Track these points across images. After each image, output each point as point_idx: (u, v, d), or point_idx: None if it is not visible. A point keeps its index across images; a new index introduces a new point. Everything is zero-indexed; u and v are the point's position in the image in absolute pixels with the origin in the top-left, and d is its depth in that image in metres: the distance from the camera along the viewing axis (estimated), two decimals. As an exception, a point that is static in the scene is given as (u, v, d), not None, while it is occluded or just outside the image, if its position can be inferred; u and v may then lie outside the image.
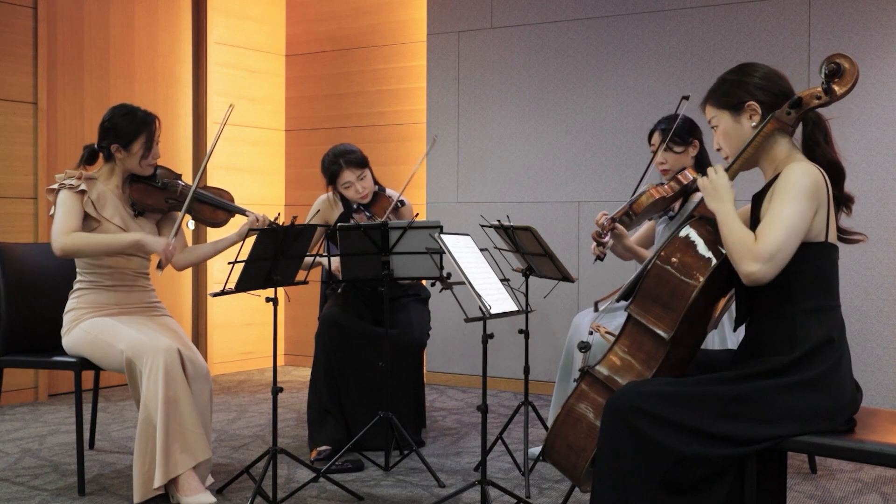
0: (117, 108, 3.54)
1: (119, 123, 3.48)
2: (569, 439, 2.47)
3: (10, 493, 3.45)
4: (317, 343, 4.07)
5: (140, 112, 3.52)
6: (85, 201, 3.41)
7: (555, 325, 5.45)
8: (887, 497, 3.47)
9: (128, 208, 3.55)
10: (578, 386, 2.50)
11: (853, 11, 4.74)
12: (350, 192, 4.16)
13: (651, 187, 3.54)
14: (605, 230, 3.52)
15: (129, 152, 3.48)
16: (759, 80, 2.41)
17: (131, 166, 3.52)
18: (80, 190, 3.40)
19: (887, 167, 4.65)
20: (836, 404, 2.29)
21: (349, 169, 4.11)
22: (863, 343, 4.65)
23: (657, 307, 2.37)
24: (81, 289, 3.51)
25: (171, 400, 3.17)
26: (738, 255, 2.27)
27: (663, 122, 3.72)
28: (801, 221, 2.25)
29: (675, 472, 2.21)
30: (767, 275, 2.24)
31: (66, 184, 3.41)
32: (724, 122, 2.46)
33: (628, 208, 3.53)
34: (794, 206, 2.25)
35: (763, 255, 2.23)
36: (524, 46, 5.64)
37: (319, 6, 6.56)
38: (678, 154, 3.68)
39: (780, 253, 2.23)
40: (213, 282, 6.10)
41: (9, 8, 5.14)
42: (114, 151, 3.49)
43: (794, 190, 2.26)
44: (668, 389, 2.27)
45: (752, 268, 2.24)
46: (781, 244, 2.23)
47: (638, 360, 2.43)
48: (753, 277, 2.24)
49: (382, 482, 3.62)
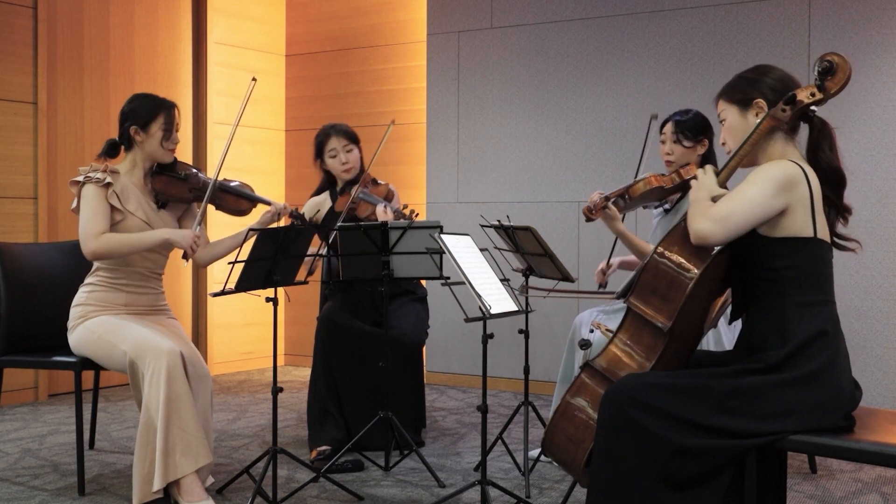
0: (135, 94, 3.56)
1: (137, 105, 3.48)
2: (568, 431, 2.48)
3: (10, 493, 3.45)
4: (316, 343, 4.07)
5: (158, 96, 3.53)
6: (109, 194, 3.39)
7: (555, 325, 5.45)
8: (887, 497, 3.47)
9: (151, 201, 3.54)
10: (578, 378, 2.52)
11: (853, 11, 4.74)
12: (335, 162, 4.21)
13: (651, 175, 3.55)
14: (597, 207, 3.55)
15: (148, 134, 3.46)
16: (772, 81, 2.46)
17: (151, 150, 3.49)
18: (106, 183, 3.39)
19: (887, 167, 4.65)
20: (834, 400, 2.30)
21: (336, 136, 4.20)
22: (863, 343, 4.65)
23: (655, 298, 2.41)
24: (93, 283, 3.48)
25: (173, 402, 3.16)
26: (692, 215, 2.38)
27: (678, 115, 3.72)
28: (760, 200, 2.31)
29: (673, 464, 2.22)
30: (715, 234, 2.32)
31: (91, 177, 3.38)
32: (731, 117, 2.51)
33: (625, 191, 3.56)
34: (756, 186, 2.33)
35: (713, 216, 2.33)
36: (524, 46, 5.64)
37: (319, 6, 6.56)
38: (686, 148, 3.66)
39: (731, 219, 2.31)
40: (213, 282, 6.10)
41: (9, 8, 5.14)
42: (133, 134, 3.47)
43: (763, 175, 2.34)
44: (666, 381, 2.29)
45: (701, 224, 2.34)
46: (733, 211, 2.31)
47: (637, 352, 2.46)
48: (701, 234, 2.34)
49: (382, 482, 3.62)
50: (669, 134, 3.69)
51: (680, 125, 3.65)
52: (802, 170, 2.34)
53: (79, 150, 5.50)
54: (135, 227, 3.45)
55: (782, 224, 2.34)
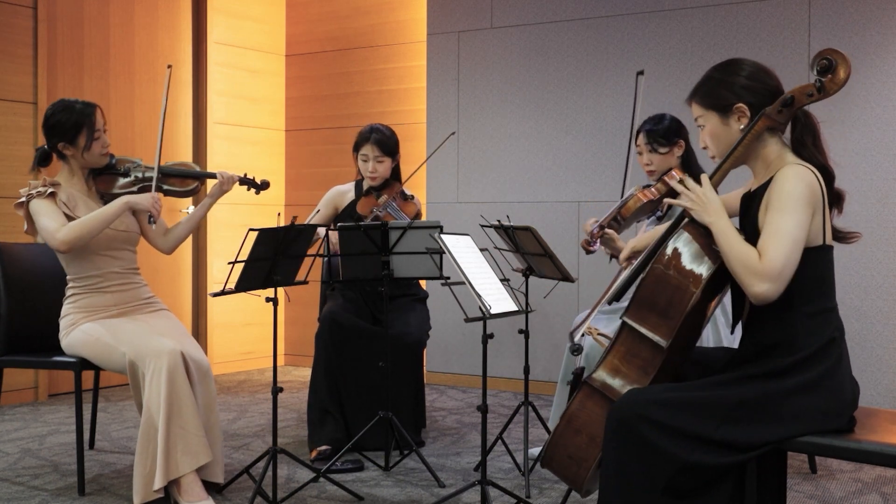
0: (55, 104, 3.50)
1: (59, 120, 3.44)
2: (569, 450, 2.45)
3: (10, 493, 3.45)
4: (317, 343, 4.07)
5: (78, 104, 3.48)
6: (57, 203, 3.40)
7: (555, 325, 5.45)
8: (887, 497, 3.46)
9: (99, 204, 3.53)
10: (577, 395, 2.48)
11: (853, 11, 4.74)
12: (364, 166, 4.26)
13: (638, 191, 3.57)
14: (595, 238, 3.56)
15: (77, 146, 3.46)
16: (745, 80, 2.36)
17: (85, 160, 3.50)
18: (50, 193, 3.38)
19: (887, 167, 4.65)
20: (839, 404, 2.29)
21: (372, 145, 4.21)
22: (863, 343, 4.65)
23: (654, 315, 2.34)
24: (76, 294, 3.48)
25: (174, 402, 3.16)
26: (744, 275, 2.23)
27: (648, 123, 3.74)
28: (801, 232, 2.22)
29: (679, 478, 2.21)
30: (777, 292, 2.21)
31: (33, 193, 3.38)
32: (711, 123, 2.42)
33: (616, 213, 3.58)
34: (793, 217, 2.21)
35: (771, 274, 2.19)
36: (524, 46, 5.64)
37: (319, 6, 6.56)
38: (663, 155, 3.69)
39: (787, 268, 2.20)
40: (213, 282, 6.10)
41: (9, 8, 5.14)
42: (62, 150, 3.48)
43: (792, 199, 2.22)
44: (672, 396, 2.26)
45: (761, 288, 2.20)
46: (787, 259, 2.20)
47: (634, 367, 2.40)
48: (763, 297, 2.21)
49: (382, 482, 3.62)
50: (644, 144, 3.72)
51: (651, 135, 3.69)
52: (813, 173, 2.28)
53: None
54: None
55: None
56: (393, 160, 4.29)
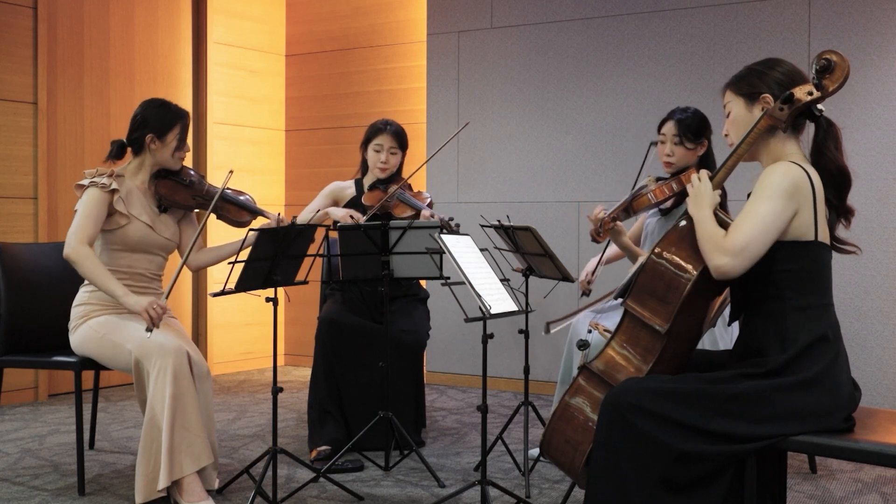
0: (150, 101, 3.55)
1: (155, 114, 3.48)
2: (566, 434, 2.48)
3: (10, 493, 3.45)
4: (317, 343, 4.07)
5: (173, 105, 3.55)
6: (115, 200, 3.40)
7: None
8: (887, 497, 3.47)
9: (153, 205, 3.54)
10: (576, 380, 2.51)
11: (853, 11, 4.74)
12: (376, 157, 4.26)
13: (655, 186, 3.48)
14: (605, 227, 3.47)
15: (164, 143, 3.48)
16: (780, 76, 2.44)
17: (163, 159, 3.50)
18: (112, 189, 3.38)
19: (887, 167, 4.65)
20: (834, 403, 2.30)
21: (388, 135, 4.25)
22: (863, 343, 4.65)
23: (653, 301, 2.39)
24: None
25: (178, 401, 3.16)
26: (707, 249, 2.30)
27: (678, 113, 3.63)
28: (774, 219, 2.27)
29: (674, 469, 2.22)
30: (735, 268, 2.26)
31: (97, 181, 3.37)
32: (736, 109, 2.48)
33: (628, 204, 3.49)
34: (768, 203, 2.27)
35: (731, 249, 2.26)
36: (524, 46, 5.64)
37: (319, 6, 6.56)
38: (688, 150, 3.61)
39: (750, 247, 2.25)
40: (213, 282, 6.10)
41: (9, 8, 5.14)
42: (148, 142, 3.47)
43: (771, 188, 2.28)
44: (666, 386, 2.28)
45: (720, 260, 2.27)
46: (750, 238, 2.25)
47: (635, 354, 2.45)
48: (721, 270, 2.27)
49: (382, 482, 3.62)
50: (671, 135, 3.61)
51: (682, 125, 3.58)
52: (805, 171, 2.32)
53: (79, 150, 5.50)
54: (138, 232, 3.45)
55: (786, 228, 2.31)
56: (403, 155, 4.32)
